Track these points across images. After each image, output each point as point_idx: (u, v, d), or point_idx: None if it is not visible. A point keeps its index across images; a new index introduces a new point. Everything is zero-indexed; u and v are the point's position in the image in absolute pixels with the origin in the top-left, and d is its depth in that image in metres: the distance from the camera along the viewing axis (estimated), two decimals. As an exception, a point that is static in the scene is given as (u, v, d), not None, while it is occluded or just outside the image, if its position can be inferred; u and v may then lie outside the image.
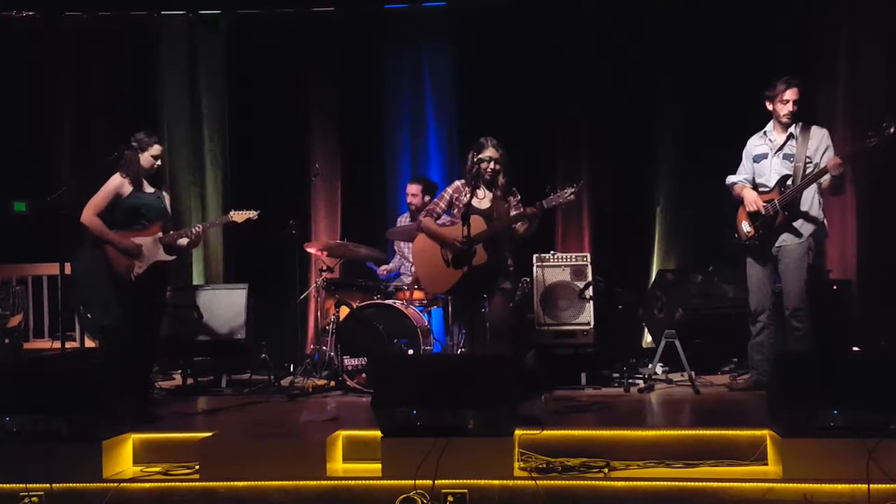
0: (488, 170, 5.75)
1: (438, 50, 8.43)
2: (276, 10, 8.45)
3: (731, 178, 6.16)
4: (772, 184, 5.92)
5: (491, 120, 7.16)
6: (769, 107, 5.95)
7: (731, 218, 6.15)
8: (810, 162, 5.81)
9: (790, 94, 5.84)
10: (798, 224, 5.86)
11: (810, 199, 5.87)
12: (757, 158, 6.04)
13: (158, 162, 5.80)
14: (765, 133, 6.04)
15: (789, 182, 5.82)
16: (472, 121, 7.84)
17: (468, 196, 5.76)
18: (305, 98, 8.47)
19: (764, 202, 5.88)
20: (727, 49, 7.71)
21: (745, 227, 5.98)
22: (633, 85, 8.05)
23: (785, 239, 5.88)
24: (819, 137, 5.86)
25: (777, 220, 5.84)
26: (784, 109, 5.86)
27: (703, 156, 7.79)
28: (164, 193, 5.97)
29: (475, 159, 5.78)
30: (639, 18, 8.08)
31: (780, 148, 5.92)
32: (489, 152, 5.77)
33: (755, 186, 6.03)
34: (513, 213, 5.74)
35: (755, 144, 6.09)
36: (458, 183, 5.96)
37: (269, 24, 8.44)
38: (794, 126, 5.90)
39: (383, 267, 7.45)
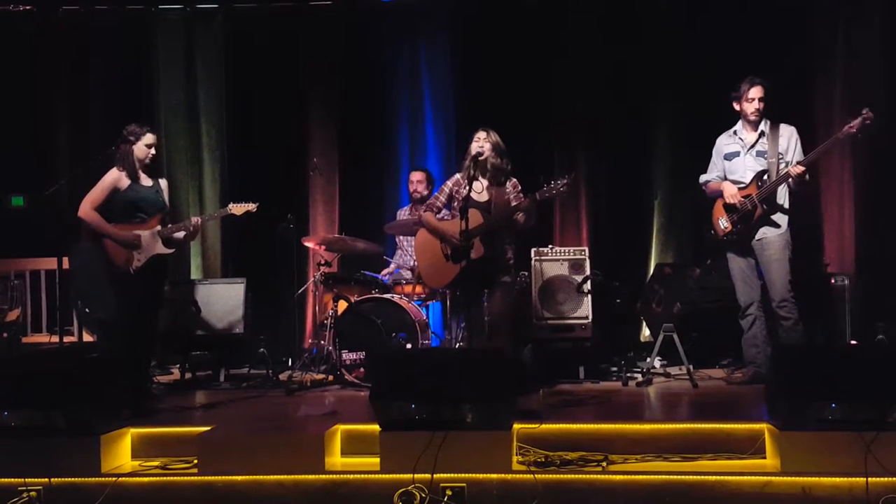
0: (479, 151, 5.73)
1: (436, 44, 8.42)
2: (273, 3, 8.44)
3: (703, 177, 6.29)
4: (747, 179, 6.00)
5: (489, 113, 7.11)
6: (736, 107, 6.08)
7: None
8: (782, 158, 5.93)
9: (754, 92, 5.95)
10: (776, 217, 5.95)
11: (783, 194, 5.97)
12: (728, 157, 6.15)
13: (153, 151, 5.80)
14: (735, 132, 6.15)
15: (766, 177, 5.89)
16: (469, 114, 7.80)
17: (466, 189, 5.76)
18: (303, 92, 8.46)
19: (743, 197, 5.93)
20: (726, 45, 7.70)
21: (723, 223, 6.07)
22: (631, 79, 8.05)
23: (765, 232, 5.97)
24: (787, 135, 5.98)
25: (756, 214, 5.92)
26: (751, 107, 5.97)
27: (701, 150, 7.74)
28: (163, 184, 5.96)
29: (470, 151, 5.78)
30: (638, 13, 8.07)
31: (753, 146, 6.04)
32: (479, 134, 5.79)
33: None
34: (512, 202, 5.75)
35: (725, 143, 6.19)
36: (457, 176, 5.97)
37: (267, 17, 8.42)
38: (763, 123, 6.01)
39: (384, 271, 7.43)
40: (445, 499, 4.34)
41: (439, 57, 8.41)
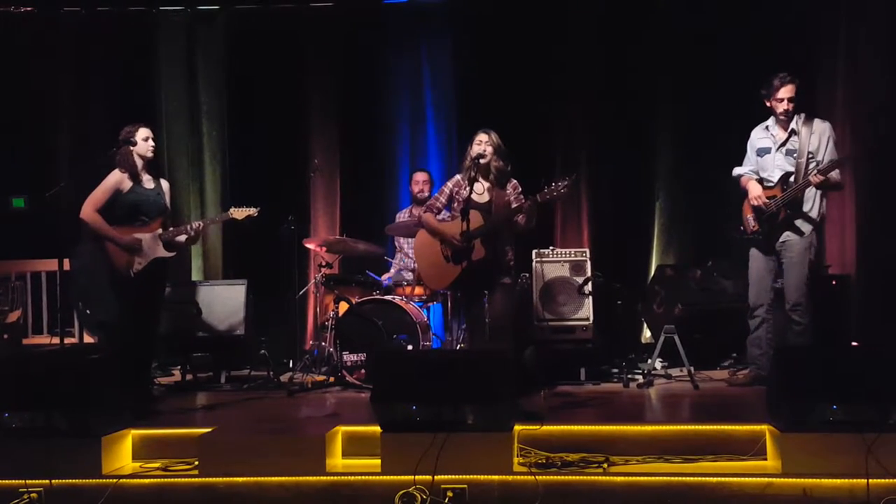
0: (480, 154, 5.72)
1: (437, 45, 8.43)
2: (274, 4, 8.44)
3: (737, 170, 6.15)
4: (775, 179, 5.91)
5: (490, 115, 7.12)
6: (767, 104, 5.93)
7: (732, 213, 6.16)
8: (812, 158, 5.80)
9: (784, 91, 5.81)
10: (799, 222, 5.85)
11: (812, 197, 5.86)
12: (760, 152, 6.02)
13: (151, 143, 5.80)
14: (767, 127, 6.02)
15: (791, 179, 5.82)
16: (471, 116, 7.80)
17: (467, 191, 5.75)
18: (304, 93, 8.47)
19: (767, 198, 5.87)
20: (727, 45, 7.70)
21: (751, 221, 5.96)
22: (632, 81, 8.05)
23: (788, 235, 5.88)
24: (820, 132, 5.83)
25: (779, 217, 5.84)
26: (780, 107, 5.85)
27: (702, 151, 7.80)
28: (164, 185, 5.97)
29: (470, 153, 5.78)
30: (639, 14, 8.07)
31: (783, 143, 5.91)
32: (480, 136, 5.77)
33: (760, 180, 6.02)
34: (513, 204, 5.74)
35: (758, 137, 6.06)
36: (457, 177, 5.96)
37: (268, 18, 8.43)
38: (795, 120, 5.88)
39: (385, 275, 7.43)
40: (446, 500, 4.34)
41: (440, 58, 8.41)
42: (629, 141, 8.03)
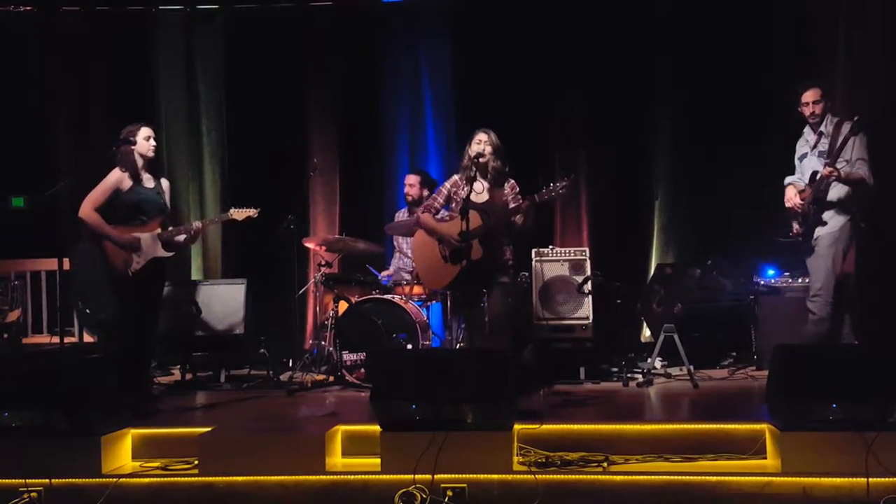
0: (479, 153, 5.72)
1: (436, 44, 8.42)
2: (273, 4, 8.44)
3: (787, 179, 6.22)
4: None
5: (489, 115, 7.11)
6: (799, 110, 6.03)
7: (725, 213, 6.16)
8: (841, 157, 5.81)
9: (807, 96, 5.94)
10: (827, 216, 5.88)
11: (837, 191, 5.87)
12: (800, 158, 6.14)
13: (153, 143, 5.80)
14: (804, 134, 6.13)
15: (817, 177, 5.85)
16: (469, 115, 7.79)
17: (466, 190, 5.75)
18: (303, 93, 8.47)
19: (801, 200, 5.93)
20: (727, 46, 7.69)
21: (795, 225, 6.03)
22: (632, 80, 8.04)
23: (819, 230, 5.92)
24: (846, 132, 5.84)
25: (810, 215, 5.88)
26: (807, 111, 5.97)
27: (701, 150, 7.80)
28: (164, 184, 5.97)
29: (469, 152, 5.78)
30: (639, 15, 8.07)
31: (815, 146, 6.00)
32: (479, 136, 5.77)
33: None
34: (511, 204, 5.74)
35: (799, 146, 6.17)
36: (455, 177, 5.95)
37: (267, 18, 8.42)
38: (825, 123, 5.95)
39: (383, 273, 7.44)
40: (446, 499, 4.34)
41: (439, 57, 8.41)
42: (629, 140, 8.02)
